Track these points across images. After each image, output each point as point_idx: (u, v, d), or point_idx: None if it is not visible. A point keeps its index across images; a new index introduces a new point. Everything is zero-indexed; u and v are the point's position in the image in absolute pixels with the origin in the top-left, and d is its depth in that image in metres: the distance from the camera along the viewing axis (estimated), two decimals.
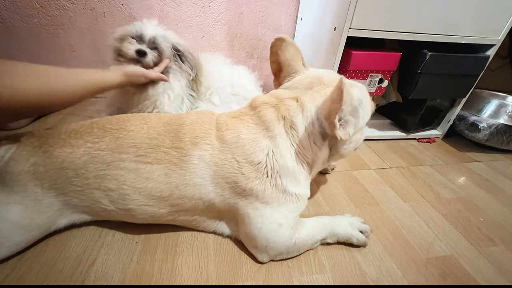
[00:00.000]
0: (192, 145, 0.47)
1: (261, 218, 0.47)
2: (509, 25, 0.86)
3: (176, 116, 0.53)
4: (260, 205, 0.47)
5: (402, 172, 0.83)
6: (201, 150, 0.47)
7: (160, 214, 0.49)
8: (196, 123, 0.50)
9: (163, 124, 0.50)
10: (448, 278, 0.50)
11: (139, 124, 0.50)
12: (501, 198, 0.75)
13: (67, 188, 0.47)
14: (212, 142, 0.48)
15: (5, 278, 0.44)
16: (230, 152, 0.47)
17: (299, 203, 0.49)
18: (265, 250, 0.48)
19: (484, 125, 0.95)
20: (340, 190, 0.72)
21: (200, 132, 0.48)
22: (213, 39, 1.15)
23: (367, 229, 0.55)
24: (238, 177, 0.46)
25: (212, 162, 0.47)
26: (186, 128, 0.49)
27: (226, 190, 0.47)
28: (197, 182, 0.47)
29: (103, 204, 0.48)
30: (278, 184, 0.47)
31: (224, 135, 0.48)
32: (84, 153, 0.47)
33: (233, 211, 0.49)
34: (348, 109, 0.44)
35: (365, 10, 0.73)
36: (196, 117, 0.52)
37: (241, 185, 0.46)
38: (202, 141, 0.48)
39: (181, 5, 1.06)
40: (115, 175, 0.47)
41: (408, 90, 0.93)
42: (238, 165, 0.46)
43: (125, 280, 0.45)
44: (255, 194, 0.46)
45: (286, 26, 1.19)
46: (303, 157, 0.48)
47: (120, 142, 0.47)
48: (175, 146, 0.47)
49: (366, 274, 0.49)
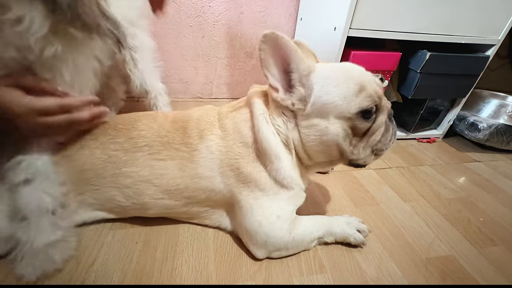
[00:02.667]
0: (199, 139, 0.50)
1: (261, 209, 0.48)
2: (509, 25, 0.86)
3: (181, 114, 0.55)
4: (259, 194, 0.48)
5: (402, 172, 0.83)
6: (208, 141, 0.49)
7: (174, 206, 0.52)
8: (201, 118, 0.52)
9: (170, 123, 0.53)
10: (448, 278, 0.50)
11: (149, 123, 0.52)
12: (501, 198, 0.75)
13: (85, 188, 0.49)
14: (216, 132, 0.50)
15: (5, 278, 0.44)
16: (232, 138, 0.49)
17: (292, 192, 0.50)
18: (264, 246, 0.48)
19: (484, 125, 0.95)
20: (340, 190, 0.72)
21: (205, 125, 0.51)
22: (213, 39, 1.15)
23: (365, 228, 0.55)
24: (239, 162, 0.48)
25: (218, 151, 0.49)
26: (193, 124, 0.51)
27: (231, 178, 0.49)
28: (208, 174, 0.49)
29: (118, 200, 0.51)
30: (268, 166, 0.48)
31: (225, 124, 0.51)
32: (102, 154, 0.49)
33: (235, 204, 0.50)
34: (299, 70, 0.44)
35: (365, 10, 0.73)
36: (201, 112, 0.54)
37: (243, 171, 0.48)
38: (208, 132, 0.50)
39: (181, 5, 1.06)
40: (130, 172, 0.49)
41: (408, 90, 0.93)
42: (238, 150, 0.49)
43: (125, 280, 0.45)
44: (254, 179, 0.48)
45: (286, 26, 1.19)
46: (278, 132, 0.48)
47: (134, 142, 0.50)
48: (184, 142, 0.50)
49: (366, 274, 0.49)
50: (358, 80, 0.44)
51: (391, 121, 0.48)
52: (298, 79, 0.45)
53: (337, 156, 0.48)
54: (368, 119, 0.44)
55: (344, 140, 0.45)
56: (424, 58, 0.84)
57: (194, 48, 1.16)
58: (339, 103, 0.43)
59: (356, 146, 0.46)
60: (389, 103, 0.48)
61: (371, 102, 0.43)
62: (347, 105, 0.43)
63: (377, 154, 0.47)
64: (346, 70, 0.46)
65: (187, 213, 0.54)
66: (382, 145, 0.46)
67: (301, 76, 0.44)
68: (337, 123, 0.44)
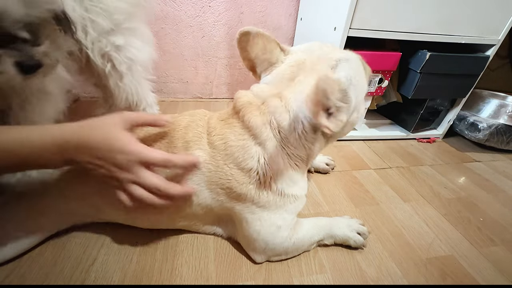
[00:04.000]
0: (185, 150, 0.46)
1: (259, 221, 0.46)
2: (509, 25, 0.86)
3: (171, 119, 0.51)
4: (257, 209, 0.46)
5: (402, 172, 0.83)
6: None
7: (160, 220, 0.51)
8: (189, 127, 0.48)
9: (157, 130, 0.48)
10: (448, 278, 0.50)
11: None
12: (501, 198, 0.75)
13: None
14: (204, 147, 0.46)
15: (5, 278, 0.44)
16: (221, 158, 0.45)
17: (297, 203, 0.49)
18: (263, 252, 0.48)
19: (484, 125, 0.95)
20: (340, 190, 0.72)
21: (192, 136, 0.47)
22: (213, 39, 1.15)
23: (365, 231, 0.55)
24: (232, 183, 0.45)
25: (205, 168, 0.45)
26: (180, 132, 0.47)
27: (221, 196, 0.46)
28: (194, 188, 0.46)
29: (105, 210, 0.49)
30: (273, 189, 0.45)
31: (213, 140, 0.46)
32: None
33: (231, 214, 0.49)
34: (336, 97, 0.38)
35: (365, 10, 0.73)
36: (190, 120, 0.49)
37: (236, 191, 0.45)
38: (194, 145, 0.46)
39: (181, 5, 1.06)
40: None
41: (408, 90, 0.93)
42: (231, 172, 0.44)
43: (125, 280, 0.45)
44: (250, 199, 0.45)
45: (286, 26, 1.19)
46: (296, 157, 0.46)
47: None
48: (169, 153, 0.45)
49: (366, 274, 0.49)
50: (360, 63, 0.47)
51: None
52: (338, 99, 0.39)
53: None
54: None
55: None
56: (424, 58, 0.84)
57: (194, 48, 1.16)
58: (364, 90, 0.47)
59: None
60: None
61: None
62: (364, 90, 0.47)
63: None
64: (352, 59, 0.46)
65: (174, 226, 0.53)
66: None
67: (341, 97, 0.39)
68: (358, 108, 0.46)
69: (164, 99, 1.23)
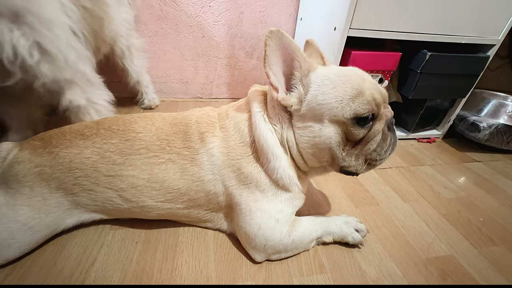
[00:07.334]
0: (201, 142, 0.49)
1: (260, 212, 0.47)
2: (509, 25, 0.86)
3: (180, 116, 0.54)
4: (259, 195, 0.48)
5: (402, 172, 0.83)
6: (209, 144, 0.49)
7: (175, 209, 0.51)
8: (201, 120, 0.52)
9: (169, 125, 0.51)
10: (448, 278, 0.50)
11: (147, 126, 0.51)
12: (501, 198, 0.75)
13: (76, 188, 0.48)
14: (217, 134, 0.50)
15: (5, 278, 0.44)
16: (233, 139, 0.49)
17: (290, 194, 0.49)
18: (263, 249, 0.48)
19: (484, 125, 0.95)
20: (340, 190, 0.72)
21: (206, 127, 0.50)
22: (213, 39, 1.15)
23: (363, 228, 0.55)
24: (240, 163, 0.48)
25: (220, 153, 0.49)
26: (193, 127, 0.51)
27: (232, 180, 0.49)
28: (210, 178, 0.49)
29: (115, 203, 0.50)
30: (265, 165, 0.48)
31: (226, 124, 0.50)
32: (92, 154, 0.48)
33: (236, 206, 0.50)
34: (297, 73, 0.44)
35: (365, 10, 0.73)
36: (200, 114, 0.53)
37: (243, 171, 0.48)
38: (209, 135, 0.50)
39: (181, 5, 1.06)
40: (127, 175, 0.48)
41: (408, 90, 0.93)
42: (240, 150, 0.48)
43: (125, 280, 0.45)
44: (254, 180, 0.48)
45: (286, 26, 1.19)
46: (275, 131, 0.48)
47: (130, 144, 0.49)
48: (186, 146, 0.49)
49: (366, 274, 0.49)
50: (357, 84, 0.42)
51: (391, 130, 0.46)
52: (299, 77, 0.45)
53: (329, 161, 0.47)
54: (363, 126, 0.43)
55: (336, 145, 0.44)
56: (424, 58, 0.84)
57: (194, 48, 1.16)
58: (334, 106, 0.42)
59: (349, 153, 0.45)
60: (390, 112, 0.46)
61: (367, 109, 0.42)
62: (342, 108, 0.42)
63: (371, 164, 0.45)
64: (347, 74, 0.44)
65: (187, 216, 0.53)
66: (377, 155, 0.45)
67: (302, 75, 0.44)
68: (331, 127, 0.43)
69: (164, 99, 1.23)
